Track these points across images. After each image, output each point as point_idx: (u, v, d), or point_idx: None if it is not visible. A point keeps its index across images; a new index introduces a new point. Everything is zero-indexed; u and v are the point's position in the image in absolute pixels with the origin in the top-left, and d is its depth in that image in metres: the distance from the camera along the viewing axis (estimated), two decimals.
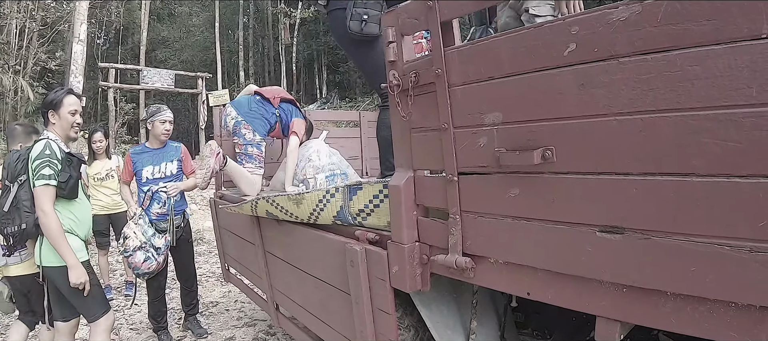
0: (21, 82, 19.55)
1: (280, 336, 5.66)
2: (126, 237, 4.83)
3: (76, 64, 13.23)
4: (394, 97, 2.24)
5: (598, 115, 1.57)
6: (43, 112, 3.90)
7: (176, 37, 35.85)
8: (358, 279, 2.57)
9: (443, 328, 2.70)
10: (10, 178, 3.66)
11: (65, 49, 26.31)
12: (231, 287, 7.35)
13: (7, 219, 3.62)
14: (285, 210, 3.25)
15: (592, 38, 1.55)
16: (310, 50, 31.23)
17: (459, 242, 2.03)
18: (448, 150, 2.03)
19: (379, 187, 2.53)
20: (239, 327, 6.06)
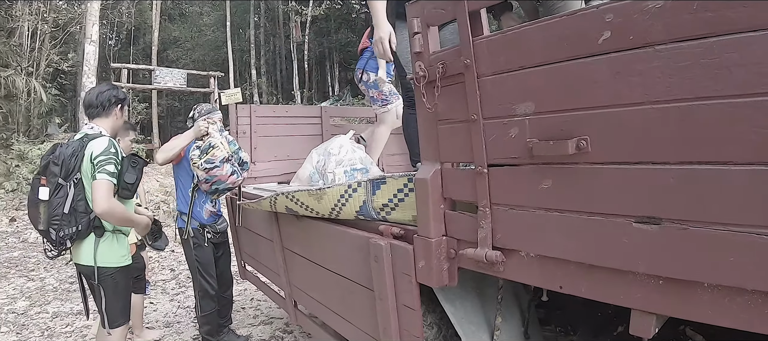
0: (34, 83, 19.78)
1: (297, 334, 5.72)
2: (213, 146, 4.65)
3: (88, 64, 13.38)
4: (420, 88, 2.24)
5: (634, 103, 1.58)
6: (105, 104, 3.88)
7: (187, 36, 36.02)
8: (383, 275, 2.58)
9: (467, 324, 2.72)
10: (64, 175, 3.57)
11: (77, 50, 26.72)
12: (246, 285, 7.39)
13: (64, 222, 3.57)
14: (305, 205, 3.26)
15: (627, 26, 1.56)
16: (321, 48, 31.23)
17: (489, 235, 2.03)
18: (477, 141, 2.03)
19: (404, 181, 2.54)
20: (256, 324, 6.13)
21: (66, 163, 3.55)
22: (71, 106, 29.25)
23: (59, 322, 6.62)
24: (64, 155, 3.57)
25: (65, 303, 7.42)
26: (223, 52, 30.04)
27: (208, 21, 34.98)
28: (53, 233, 3.57)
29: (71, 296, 7.76)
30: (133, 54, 34.16)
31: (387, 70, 5.04)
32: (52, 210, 3.53)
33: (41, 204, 3.55)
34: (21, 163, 16.79)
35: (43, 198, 3.54)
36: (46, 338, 6.09)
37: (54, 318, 6.77)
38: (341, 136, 4.84)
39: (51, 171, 3.56)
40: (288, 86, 31.43)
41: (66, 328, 6.38)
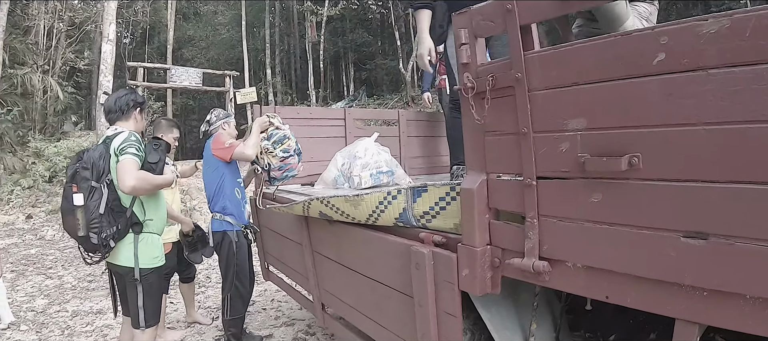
0: (50, 81, 19.93)
1: (320, 336, 5.75)
2: (288, 137, 4.82)
3: (105, 63, 13.50)
4: (468, 99, 2.31)
5: (685, 124, 1.65)
6: (124, 108, 3.95)
7: (202, 35, 36.27)
8: (424, 282, 2.62)
9: (503, 330, 2.78)
10: (96, 177, 3.63)
11: (92, 48, 26.93)
12: (266, 285, 7.45)
13: (104, 223, 3.62)
14: (341, 211, 3.29)
15: (681, 49, 1.63)
16: (336, 48, 31.30)
17: (536, 246, 2.09)
18: (527, 154, 2.09)
19: (446, 190, 2.58)
20: (278, 326, 6.17)
21: (96, 166, 3.64)
22: (86, 104, 29.46)
23: (79, 321, 6.69)
24: (93, 158, 3.66)
25: (85, 302, 7.49)
26: (238, 51, 30.18)
27: (222, 20, 35.15)
28: (95, 237, 3.61)
29: (90, 295, 7.84)
30: (148, 52, 34.44)
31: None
32: (90, 214, 3.58)
33: (78, 210, 3.58)
34: (37, 160, 16.91)
35: (78, 204, 3.58)
36: (67, 337, 6.15)
37: (74, 317, 6.84)
38: (366, 139, 4.88)
39: (81, 176, 3.62)
40: (303, 86, 31.50)
41: (86, 327, 6.44)
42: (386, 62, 28.90)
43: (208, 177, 5.04)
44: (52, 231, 13.13)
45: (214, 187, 4.98)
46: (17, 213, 14.87)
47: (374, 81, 30.85)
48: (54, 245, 11.93)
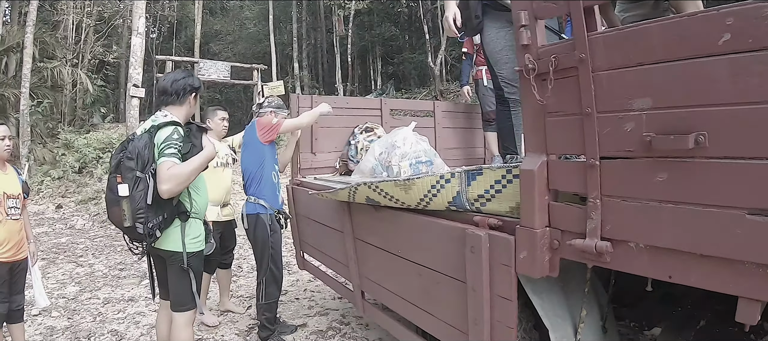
0: (79, 74, 20.16)
1: (355, 325, 5.79)
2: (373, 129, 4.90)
3: (135, 55, 13.62)
4: (530, 81, 2.33)
5: (751, 102, 1.67)
6: (181, 91, 3.96)
7: (229, 30, 36.56)
8: (479, 266, 2.64)
9: (553, 316, 2.79)
10: (141, 167, 3.59)
11: (120, 43, 27.24)
12: (299, 275, 7.52)
13: (150, 212, 3.61)
14: (390, 196, 3.31)
15: (747, 30, 1.65)
16: (364, 42, 31.28)
17: (598, 226, 2.11)
18: (590, 135, 2.11)
19: (502, 172, 2.60)
20: (311, 315, 6.20)
21: (141, 156, 3.60)
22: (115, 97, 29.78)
23: (111, 308, 6.78)
24: (138, 148, 3.62)
25: (116, 290, 7.58)
26: (265, 45, 30.30)
27: (249, 15, 35.33)
28: (140, 226, 3.60)
29: (121, 282, 7.94)
30: (176, 47, 34.69)
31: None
32: (136, 204, 3.56)
33: (123, 201, 3.56)
34: (67, 151, 17.11)
35: (124, 195, 3.56)
36: (98, 323, 6.23)
37: (105, 304, 6.93)
38: (404, 128, 4.87)
39: (126, 166, 3.59)
40: (330, 79, 31.54)
41: (118, 314, 6.52)
42: (414, 56, 28.83)
43: (248, 160, 5.09)
44: (81, 221, 13.31)
45: (252, 171, 5.03)
46: (47, 202, 15.10)
47: (402, 75, 30.80)
48: (84, 234, 12.10)
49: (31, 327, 6.01)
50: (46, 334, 5.90)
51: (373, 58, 31.82)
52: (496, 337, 2.67)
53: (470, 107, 7.33)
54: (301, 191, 5.15)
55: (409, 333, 3.80)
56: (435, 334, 3.33)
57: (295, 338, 5.52)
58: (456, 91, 23.17)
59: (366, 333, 5.55)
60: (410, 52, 29.64)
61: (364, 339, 5.43)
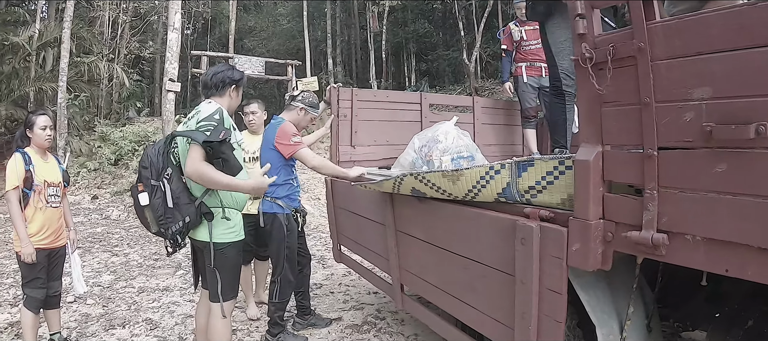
0: (116, 68, 20.49)
1: (390, 321, 5.79)
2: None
3: (171, 50, 13.79)
4: (588, 70, 2.30)
5: None
6: (220, 83, 4.00)
7: (263, 26, 36.76)
8: (530, 258, 2.62)
9: (600, 312, 2.76)
10: (155, 176, 3.70)
11: (155, 39, 27.67)
12: (334, 269, 7.55)
13: (169, 219, 3.69)
14: (437, 187, 3.29)
15: None
16: (397, 38, 31.20)
17: (654, 218, 2.09)
18: (648, 124, 2.09)
19: (554, 164, 2.58)
20: (346, 309, 6.22)
21: (154, 164, 3.70)
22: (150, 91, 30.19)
23: (145, 297, 6.86)
24: (151, 157, 3.73)
25: (151, 279, 7.69)
26: (299, 41, 30.39)
27: (283, 11, 35.51)
28: (165, 232, 3.74)
29: (156, 272, 8.03)
30: (210, 43, 35.02)
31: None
32: (156, 211, 3.67)
33: (146, 209, 3.69)
34: (103, 144, 17.40)
35: (144, 204, 3.68)
36: (133, 312, 6.31)
37: (140, 293, 7.02)
38: (446, 123, 4.84)
39: (144, 176, 3.70)
40: (364, 76, 31.55)
41: (152, 303, 6.60)
42: (448, 53, 28.74)
43: (266, 157, 4.96)
44: (117, 212, 13.50)
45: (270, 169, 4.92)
46: (83, 193, 15.35)
47: (435, 72, 30.74)
48: (119, 224, 12.27)
49: (66, 313, 6.10)
50: (80, 321, 5.99)
51: (407, 54, 31.77)
52: (544, 332, 2.65)
53: (509, 104, 7.32)
54: (341, 183, 5.15)
55: (449, 327, 3.79)
56: (478, 328, 3.32)
57: (331, 331, 5.55)
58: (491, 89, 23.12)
59: (401, 328, 5.55)
60: (444, 49, 29.53)
61: (399, 334, 5.43)
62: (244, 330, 5.61)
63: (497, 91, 21.68)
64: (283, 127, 4.92)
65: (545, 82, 6.57)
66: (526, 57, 6.77)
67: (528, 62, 6.73)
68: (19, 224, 4.52)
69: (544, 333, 2.64)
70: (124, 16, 24.57)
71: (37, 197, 4.67)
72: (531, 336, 2.68)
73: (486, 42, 25.01)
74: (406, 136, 5.31)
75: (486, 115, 6.87)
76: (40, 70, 19.47)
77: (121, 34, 24.50)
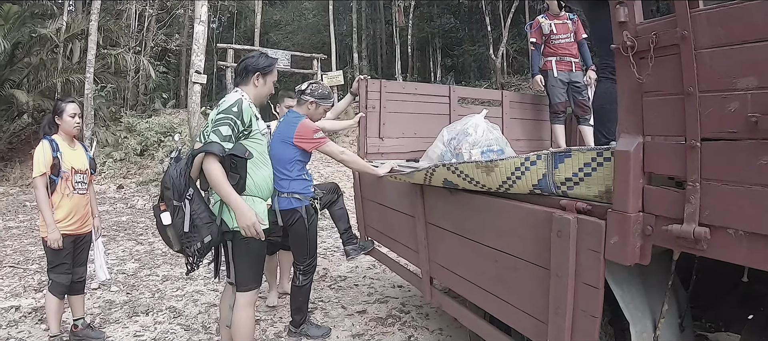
0: (142, 60, 20.75)
1: (415, 314, 5.77)
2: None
3: (197, 43, 13.87)
4: (629, 58, 2.26)
5: None
6: (245, 71, 4.03)
7: (288, 20, 37.00)
8: (566, 251, 2.57)
9: (634, 309, 2.72)
10: (177, 197, 3.68)
11: (181, 32, 27.99)
12: (359, 261, 7.51)
13: (190, 238, 3.69)
14: (470, 178, 3.25)
15: None
16: (423, 33, 31.22)
17: (696, 211, 2.05)
18: (691, 115, 2.04)
19: (592, 155, 2.53)
20: (371, 302, 6.21)
21: (176, 186, 3.67)
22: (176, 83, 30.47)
23: (170, 285, 6.94)
24: (172, 177, 3.68)
25: (175, 268, 7.75)
26: (324, 35, 30.53)
27: (308, 5, 35.61)
28: (189, 252, 3.75)
29: (180, 261, 7.98)
30: (236, 36, 35.18)
31: None
32: (178, 230, 3.68)
33: (168, 229, 3.71)
34: (129, 134, 17.65)
35: (167, 223, 3.70)
36: (157, 299, 6.38)
37: (164, 281, 7.10)
38: (476, 116, 4.80)
39: (166, 197, 3.70)
40: (389, 71, 31.55)
41: (176, 292, 6.66)
42: (474, 49, 28.68)
43: (278, 152, 4.76)
44: (142, 201, 13.67)
45: (283, 165, 4.76)
46: (109, 183, 15.56)
47: (461, 67, 30.67)
48: (144, 214, 12.36)
49: (90, 300, 6.19)
50: (104, 307, 6.07)
51: (433, 49, 31.73)
52: (579, 328, 2.60)
53: (538, 98, 7.28)
54: (368, 174, 5.13)
55: (479, 320, 3.75)
56: (509, 322, 3.28)
57: (354, 324, 5.54)
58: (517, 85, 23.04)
59: (426, 323, 5.54)
60: (470, 44, 29.45)
61: (424, 328, 5.41)
62: (268, 320, 5.63)
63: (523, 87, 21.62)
64: (303, 122, 4.80)
65: (575, 78, 6.54)
66: (556, 51, 6.72)
67: (558, 56, 6.68)
68: (46, 210, 4.57)
69: (579, 328, 2.60)
70: (151, 10, 24.86)
71: (64, 183, 4.72)
72: (565, 332, 2.64)
73: (513, 37, 24.95)
74: (435, 128, 5.28)
75: (514, 110, 6.84)
76: (67, 62, 19.84)
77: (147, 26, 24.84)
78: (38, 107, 17.84)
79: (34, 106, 17.83)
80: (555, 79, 6.64)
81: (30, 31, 18.08)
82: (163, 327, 5.54)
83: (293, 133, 4.71)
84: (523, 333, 3.14)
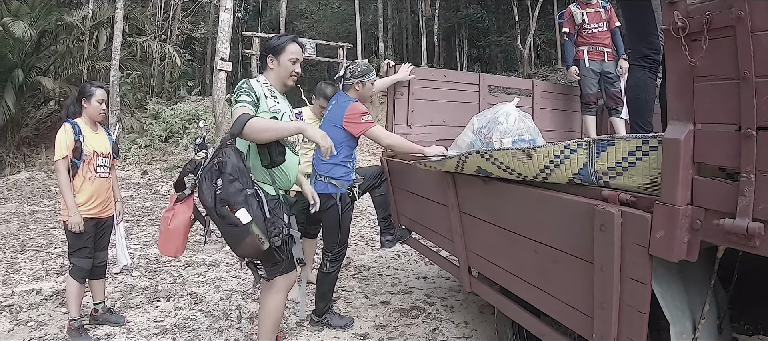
0: (168, 48, 20.98)
1: (439, 306, 5.70)
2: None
3: (222, 30, 14.00)
4: (680, 40, 2.13)
5: None
6: (263, 55, 3.98)
7: (314, 9, 37.13)
8: (610, 245, 2.45)
9: (674, 308, 2.60)
10: (250, 183, 3.47)
11: (207, 21, 28.30)
12: (382, 251, 7.49)
13: (274, 222, 3.52)
14: (505, 166, 3.13)
15: None
16: (449, 23, 31.15)
17: (750, 205, 1.92)
18: (747, 101, 1.92)
19: (637, 143, 2.41)
20: (395, 293, 6.15)
21: (242, 171, 3.45)
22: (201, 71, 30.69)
23: (191, 271, 6.95)
24: (236, 165, 3.45)
25: (198, 254, 7.75)
26: (350, 24, 30.63)
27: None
28: (278, 239, 3.50)
29: (203, 247, 8.07)
30: (261, 25, 35.40)
31: None
32: (261, 222, 3.41)
33: (251, 226, 3.35)
34: (154, 121, 17.88)
35: (248, 220, 3.34)
36: (179, 285, 6.40)
37: (186, 267, 7.12)
38: (507, 104, 4.70)
39: (233, 191, 3.36)
40: (414, 61, 31.46)
41: (198, 278, 6.68)
42: (501, 39, 28.56)
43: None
44: (166, 187, 13.87)
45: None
46: (134, 169, 15.78)
47: (487, 58, 30.60)
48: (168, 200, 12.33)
49: (111, 284, 6.24)
50: (125, 292, 6.11)
51: (459, 39, 31.68)
52: (625, 322, 2.49)
53: (569, 89, 7.16)
54: (398, 163, 5.04)
55: (521, 311, 3.62)
56: (552, 314, 3.16)
57: (378, 315, 5.48)
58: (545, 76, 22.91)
59: (451, 315, 5.47)
60: (497, 34, 29.33)
61: (449, 321, 5.34)
62: (290, 308, 5.58)
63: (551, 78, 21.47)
64: (353, 105, 4.79)
65: (607, 68, 6.44)
66: (588, 41, 6.60)
67: (590, 46, 6.55)
68: (68, 193, 4.58)
69: (625, 323, 2.49)
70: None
71: (86, 167, 4.72)
72: (612, 327, 2.53)
73: (540, 28, 24.82)
74: (464, 117, 5.21)
75: (545, 100, 6.73)
76: (93, 50, 20.26)
77: (173, 15, 25.01)
78: (65, 94, 18.07)
79: (61, 93, 18.17)
80: (587, 69, 6.52)
81: (56, 19, 18.38)
82: (184, 313, 5.55)
83: (343, 116, 4.72)
84: (567, 326, 3.03)
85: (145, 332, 5.07)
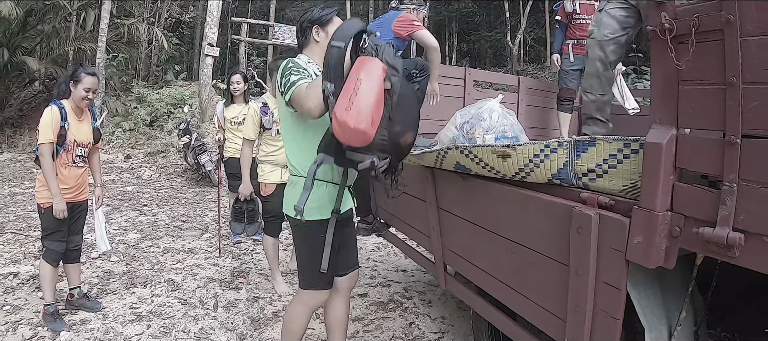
0: (156, 31, 20.94)
1: (417, 300, 5.68)
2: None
3: (211, 16, 14.02)
4: (667, 42, 2.08)
5: None
6: (303, 28, 3.53)
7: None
8: (586, 249, 2.41)
9: (650, 314, 2.57)
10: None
11: (196, 4, 28.27)
12: (362, 242, 7.47)
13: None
14: (484, 163, 3.08)
15: None
16: (440, 16, 31.12)
17: (731, 215, 1.88)
18: (733, 108, 1.86)
19: (618, 146, 2.36)
20: (373, 285, 6.13)
21: (395, 62, 2.83)
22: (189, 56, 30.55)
23: (170, 257, 6.95)
24: (388, 58, 2.80)
25: (177, 240, 7.78)
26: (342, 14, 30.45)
27: None
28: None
29: (183, 234, 8.13)
30: (251, 12, 35.18)
31: None
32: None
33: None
34: (139, 105, 17.81)
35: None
36: (156, 271, 6.40)
37: (165, 253, 7.12)
38: (491, 100, 4.65)
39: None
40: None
41: (176, 264, 6.68)
42: (491, 35, 28.60)
43: None
44: (149, 172, 13.79)
45: None
46: (117, 152, 15.68)
47: (477, 53, 30.63)
48: (150, 185, 12.50)
49: (89, 268, 6.27)
50: (102, 277, 6.10)
51: (449, 33, 31.65)
52: (598, 327, 2.44)
53: (555, 86, 7.12)
54: None
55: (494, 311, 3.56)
56: (525, 316, 3.12)
57: (355, 307, 5.43)
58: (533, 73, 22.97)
59: (428, 310, 5.45)
60: (487, 29, 29.38)
61: (425, 315, 5.32)
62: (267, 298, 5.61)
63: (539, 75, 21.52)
64: (405, 13, 5.00)
65: None
66: (575, 33, 6.56)
67: (575, 40, 6.51)
68: (52, 179, 4.51)
69: (598, 328, 2.44)
70: None
71: (66, 156, 4.68)
72: (585, 331, 2.49)
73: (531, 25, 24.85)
74: (448, 111, 5.17)
75: (531, 97, 6.71)
76: (80, 30, 20.14)
77: None
78: (50, 75, 18.03)
79: (46, 74, 18.03)
80: (569, 65, 6.49)
81: None
82: (160, 300, 5.52)
83: (392, 23, 4.85)
84: (540, 328, 2.98)
85: (120, 318, 5.03)
